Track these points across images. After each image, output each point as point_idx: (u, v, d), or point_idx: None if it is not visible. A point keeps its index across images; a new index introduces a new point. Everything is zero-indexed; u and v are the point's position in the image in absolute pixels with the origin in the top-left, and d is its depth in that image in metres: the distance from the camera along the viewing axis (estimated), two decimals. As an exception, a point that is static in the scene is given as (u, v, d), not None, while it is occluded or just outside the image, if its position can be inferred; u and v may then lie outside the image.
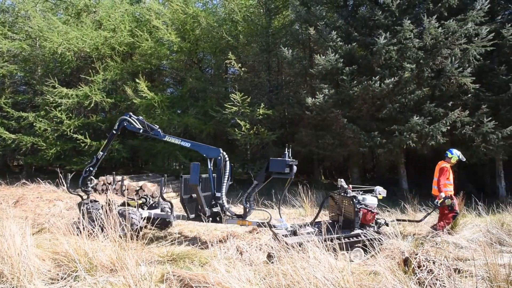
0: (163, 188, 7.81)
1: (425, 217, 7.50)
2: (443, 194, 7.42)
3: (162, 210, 8.43)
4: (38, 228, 7.99)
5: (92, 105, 17.96)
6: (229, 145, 18.66)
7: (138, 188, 14.27)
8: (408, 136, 12.49)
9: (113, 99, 18.84)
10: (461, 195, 8.41)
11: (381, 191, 6.89)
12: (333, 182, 18.53)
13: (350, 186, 6.82)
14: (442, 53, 12.97)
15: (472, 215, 9.13)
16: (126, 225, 6.71)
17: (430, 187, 8.28)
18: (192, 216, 7.57)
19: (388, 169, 16.21)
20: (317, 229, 6.28)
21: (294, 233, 6.16)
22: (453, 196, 7.56)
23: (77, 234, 5.17)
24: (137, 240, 5.67)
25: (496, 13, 14.78)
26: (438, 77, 13.34)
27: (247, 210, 7.30)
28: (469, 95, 13.27)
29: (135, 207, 7.84)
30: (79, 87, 17.91)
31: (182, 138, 7.75)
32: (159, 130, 7.81)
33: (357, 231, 6.21)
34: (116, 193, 13.62)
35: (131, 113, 8.15)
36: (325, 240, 5.13)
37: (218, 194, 7.29)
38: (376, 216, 6.49)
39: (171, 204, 8.31)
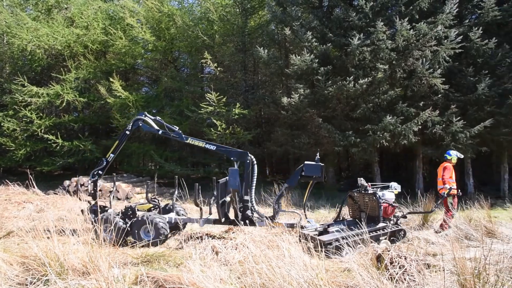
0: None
1: (435, 207, 7.96)
2: (447, 186, 7.76)
3: (177, 214, 8.05)
4: (6, 232, 7.69)
5: (64, 104, 17.43)
6: (207, 144, 18.56)
7: (112, 189, 13.96)
8: (381, 135, 12.76)
9: (86, 98, 18.34)
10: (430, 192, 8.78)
11: (396, 186, 7.22)
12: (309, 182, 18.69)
13: (369, 184, 7.12)
14: (414, 54, 13.33)
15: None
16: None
17: (403, 185, 8.47)
18: (223, 219, 7.33)
19: (362, 167, 16.52)
20: (345, 226, 6.48)
21: (324, 231, 6.35)
22: (455, 195, 7.89)
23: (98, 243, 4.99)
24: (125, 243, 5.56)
25: (464, 17, 15.30)
26: (410, 77, 13.69)
27: (276, 212, 7.23)
28: (439, 96, 13.70)
29: (147, 210, 7.65)
30: (50, 85, 17.38)
31: (206, 141, 7.44)
32: (180, 131, 7.46)
33: (381, 224, 6.56)
34: (89, 195, 13.30)
35: (146, 113, 7.64)
36: (357, 235, 5.69)
37: (246, 197, 7.12)
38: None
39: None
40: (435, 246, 6.55)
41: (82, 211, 7.56)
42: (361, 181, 7.16)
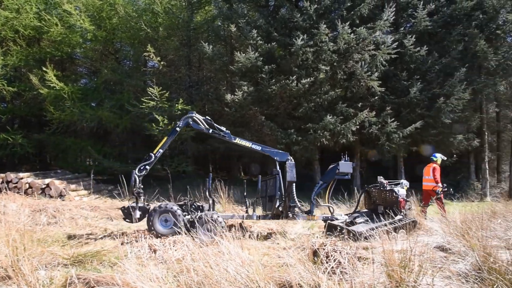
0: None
1: (427, 205, 9.10)
2: (440, 184, 8.99)
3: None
4: None
5: (-10, 93, 15.99)
6: (146, 140, 17.94)
7: (44, 186, 13.04)
8: (322, 134, 13.16)
9: (15, 87, 16.87)
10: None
11: (405, 183, 7.91)
12: (252, 178, 18.78)
13: (386, 181, 7.87)
14: (354, 57, 13.92)
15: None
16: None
17: (341, 182, 8.83)
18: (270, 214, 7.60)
19: (304, 165, 16.89)
20: (367, 218, 7.31)
21: (351, 223, 7.05)
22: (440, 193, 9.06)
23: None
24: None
25: (399, 24, 16.28)
26: (349, 79, 14.26)
27: (313, 206, 7.70)
28: (376, 97, 14.44)
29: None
30: (-28, 72, 15.83)
31: (253, 142, 7.75)
32: (228, 131, 7.65)
33: (399, 216, 7.20)
34: (18, 192, 12.34)
35: (195, 112, 7.64)
36: (378, 227, 6.19)
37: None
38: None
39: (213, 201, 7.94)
40: (369, 240, 6.86)
41: (121, 209, 7.13)
42: (381, 179, 7.95)
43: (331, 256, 4.91)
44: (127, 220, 6.95)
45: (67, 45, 17.54)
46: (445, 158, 9.96)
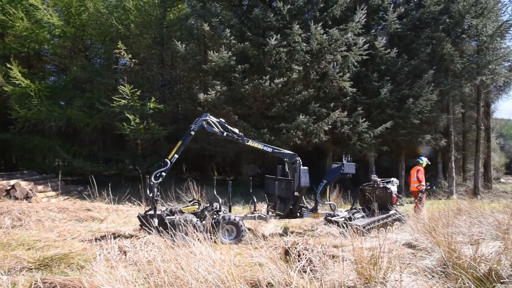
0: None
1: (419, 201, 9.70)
2: (424, 183, 9.77)
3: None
4: None
5: None
6: (118, 140, 17.56)
7: (9, 188, 12.50)
8: (294, 133, 13.26)
9: (-24, 84, 16.14)
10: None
11: (396, 181, 8.69)
12: (226, 178, 18.72)
13: (380, 179, 8.61)
14: (326, 58, 14.09)
15: (348, 207, 10.07)
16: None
17: (316, 181, 8.99)
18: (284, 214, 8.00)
19: (277, 165, 16.94)
20: (364, 214, 8.01)
21: (350, 218, 7.71)
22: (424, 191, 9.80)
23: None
24: None
25: (371, 27, 16.60)
26: (322, 79, 14.43)
27: (317, 204, 8.18)
28: (348, 98, 14.67)
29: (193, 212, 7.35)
30: None
31: (264, 144, 7.97)
32: (241, 134, 7.71)
33: (392, 211, 7.88)
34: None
35: (209, 114, 7.54)
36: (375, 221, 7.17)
37: (296, 193, 7.71)
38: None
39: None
40: (340, 238, 6.95)
41: (139, 217, 6.94)
42: (374, 177, 8.71)
43: (303, 254, 4.95)
44: (144, 227, 6.70)
45: (33, 41, 16.91)
46: (429, 163, 10.64)
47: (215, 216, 7.01)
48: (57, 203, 11.93)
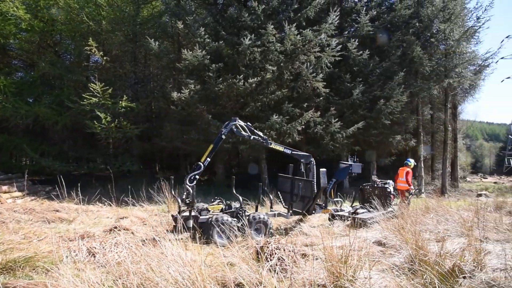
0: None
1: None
2: (412, 187, 10.62)
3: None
4: None
5: None
6: (89, 139, 17.09)
7: (-36, 188, 11.97)
8: (268, 133, 13.31)
9: None
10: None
11: (391, 183, 9.71)
12: (200, 177, 18.52)
13: (379, 180, 9.74)
14: (300, 58, 14.21)
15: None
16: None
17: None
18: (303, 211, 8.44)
19: (252, 164, 17.00)
20: (366, 209, 8.73)
21: (355, 213, 8.43)
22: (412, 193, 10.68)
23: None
24: None
25: (344, 28, 16.91)
26: (296, 80, 14.55)
27: (327, 201, 8.74)
28: (321, 98, 14.86)
29: (220, 211, 7.42)
30: None
31: (285, 146, 8.32)
32: (266, 137, 8.01)
33: (389, 208, 8.62)
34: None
35: (237, 118, 7.72)
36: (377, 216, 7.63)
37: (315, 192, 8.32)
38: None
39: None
40: (313, 238, 7.03)
41: (173, 217, 7.09)
42: (375, 177, 10.04)
43: (275, 254, 4.99)
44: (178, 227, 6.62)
45: (-2, 34, 16.23)
46: (416, 164, 11.68)
47: (246, 216, 7.20)
48: (23, 204, 11.51)
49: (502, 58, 34.18)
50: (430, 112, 21.39)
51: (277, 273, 4.36)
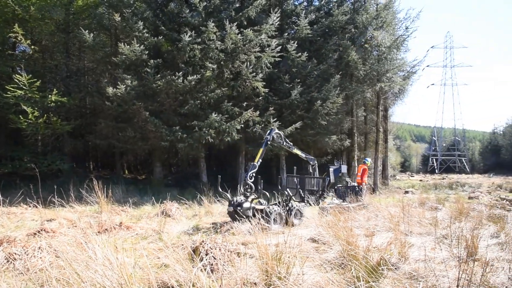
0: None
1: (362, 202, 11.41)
2: (364, 184, 12.86)
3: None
4: None
5: None
6: (14, 135, 15.77)
7: None
8: (207, 131, 13.26)
9: None
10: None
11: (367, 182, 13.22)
12: (137, 176, 18.00)
13: (350, 180, 13.81)
14: (240, 57, 14.31)
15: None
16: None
17: (227, 179, 9.20)
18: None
19: (191, 163, 16.83)
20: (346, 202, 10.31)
21: (342, 203, 10.06)
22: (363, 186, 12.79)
23: None
24: None
25: (284, 30, 17.28)
26: (236, 79, 14.65)
27: (326, 194, 11.08)
28: (260, 98, 15.10)
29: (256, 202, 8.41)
30: None
31: (301, 151, 11.13)
32: (291, 143, 10.54)
33: (360, 202, 10.11)
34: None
35: (276, 128, 10.71)
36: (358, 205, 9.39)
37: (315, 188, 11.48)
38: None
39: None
40: (249, 236, 7.11)
41: (230, 212, 8.12)
42: (347, 178, 13.24)
43: (210, 253, 5.00)
44: (237, 218, 7.70)
45: None
46: (373, 163, 13.37)
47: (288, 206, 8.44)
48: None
49: (427, 66, 37.01)
50: (364, 114, 22.54)
51: (208, 273, 4.40)
